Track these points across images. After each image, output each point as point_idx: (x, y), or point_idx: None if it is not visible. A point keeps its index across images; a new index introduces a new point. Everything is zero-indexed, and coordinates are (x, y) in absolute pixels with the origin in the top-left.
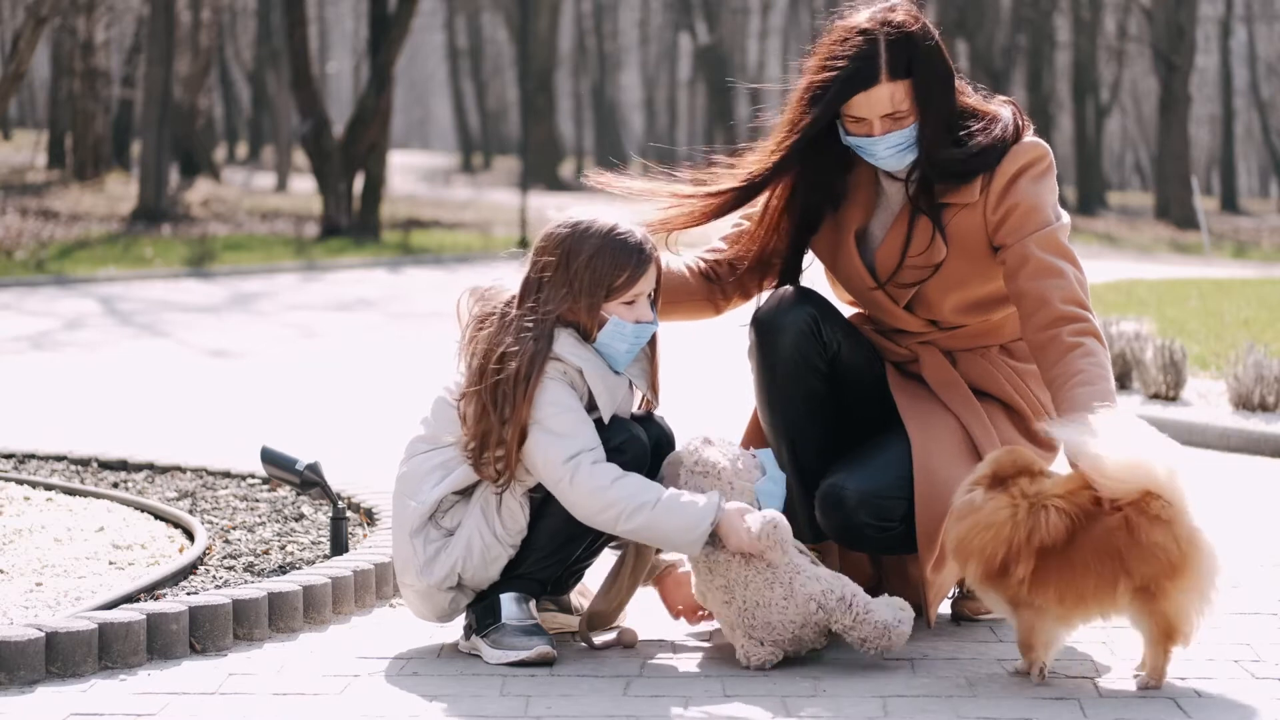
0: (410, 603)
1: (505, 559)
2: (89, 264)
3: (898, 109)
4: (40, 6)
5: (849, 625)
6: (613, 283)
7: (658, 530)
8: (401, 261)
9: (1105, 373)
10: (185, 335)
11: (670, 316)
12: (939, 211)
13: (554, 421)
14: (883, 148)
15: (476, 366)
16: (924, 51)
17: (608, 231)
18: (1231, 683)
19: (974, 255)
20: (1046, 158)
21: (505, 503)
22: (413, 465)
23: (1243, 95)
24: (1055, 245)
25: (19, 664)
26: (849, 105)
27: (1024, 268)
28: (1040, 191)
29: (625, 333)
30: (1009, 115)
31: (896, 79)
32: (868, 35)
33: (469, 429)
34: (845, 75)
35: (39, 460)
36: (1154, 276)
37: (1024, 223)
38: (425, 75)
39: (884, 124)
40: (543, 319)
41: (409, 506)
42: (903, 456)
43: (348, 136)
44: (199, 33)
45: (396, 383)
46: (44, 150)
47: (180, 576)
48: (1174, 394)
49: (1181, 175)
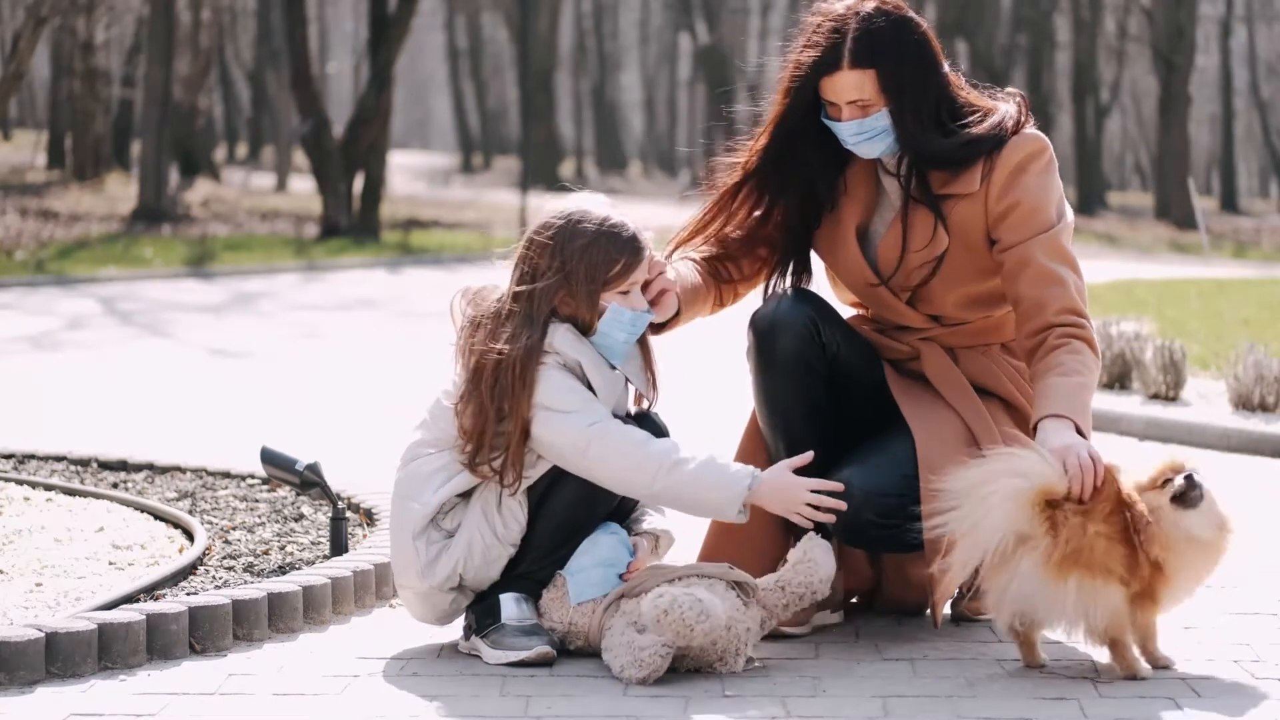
0: (410, 604)
1: (506, 558)
2: (89, 264)
3: (862, 97)
4: (40, 6)
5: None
6: (608, 273)
7: (693, 488)
8: (401, 262)
9: (1084, 368)
10: (185, 335)
11: (687, 318)
12: (938, 202)
13: (561, 402)
14: (847, 133)
15: (472, 367)
16: (894, 42)
17: (600, 222)
18: (1231, 683)
19: (975, 247)
20: (1047, 150)
21: (505, 502)
22: (414, 468)
23: (1242, 95)
24: (1058, 250)
25: (19, 664)
26: (822, 89)
27: (1024, 271)
28: (1045, 187)
29: (624, 320)
30: (1010, 108)
31: (859, 67)
32: (838, 22)
33: (465, 431)
34: (812, 60)
35: (39, 460)
36: (1154, 276)
37: (1027, 223)
38: (425, 75)
39: (850, 110)
40: (537, 315)
41: (411, 508)
42: (907, 455)
43: (347, 136)
44: (199, 33)
45: (396, 383)
46: (44, 150)
47: (180, 577)
48: (1174, 394)
49: (1181, 175)
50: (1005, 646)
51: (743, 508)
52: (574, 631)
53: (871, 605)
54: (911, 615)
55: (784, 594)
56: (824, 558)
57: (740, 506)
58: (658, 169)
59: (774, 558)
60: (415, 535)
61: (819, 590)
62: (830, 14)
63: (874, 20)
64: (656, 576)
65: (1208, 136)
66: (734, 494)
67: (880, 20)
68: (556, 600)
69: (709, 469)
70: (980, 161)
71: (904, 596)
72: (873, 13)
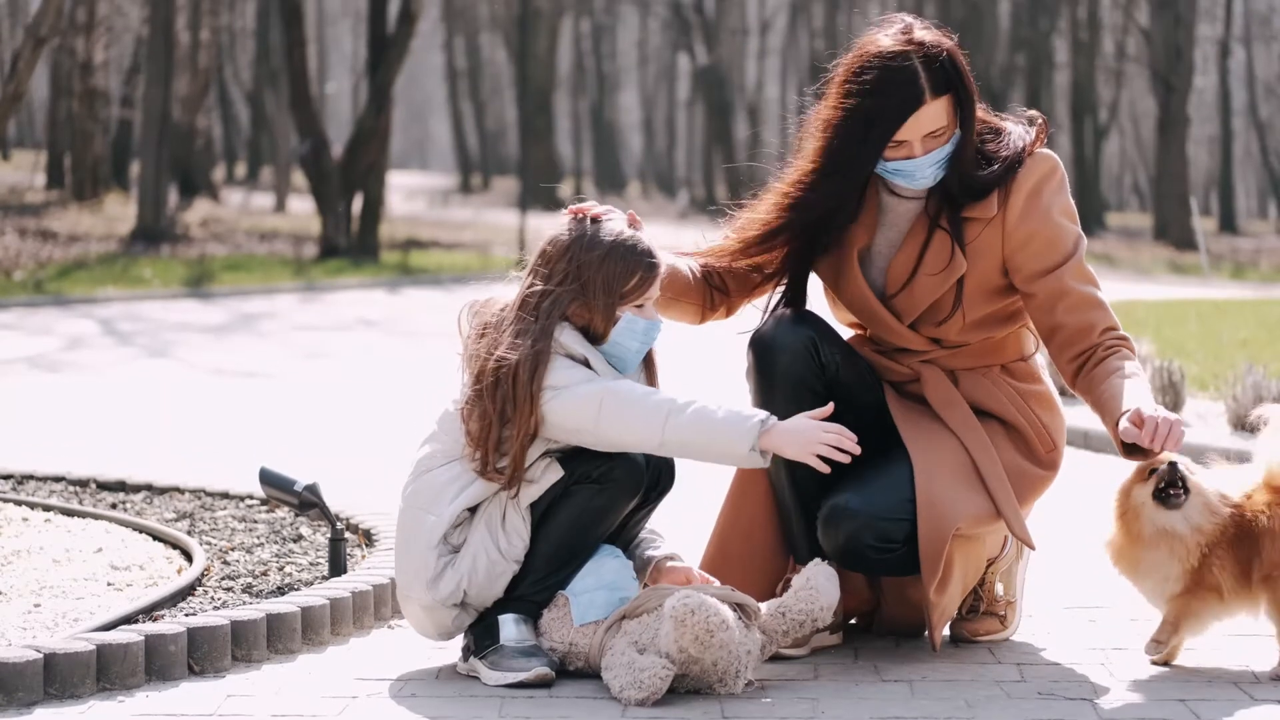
0: (414, 617)
1: (509, 574)
2: (88, 284)
3: (940, 125)
4: (39, 27)
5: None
6: (624, 286)
7: (704, 430)
8: (400, 282)
9: (1139, 373)
10: (184, 356)
11: (665, 313)
12: (960, 226)
13: (564, 379)
14: (926, 166)
15: (477, 371)
16: (953, 63)
17: (615, 236)
18: (1230, 704)
19: (987, 270)
20: (1059, 169)
21: (509, 517)
22: (427, 480)
23: (1241, 116)
24: (1085, 274)
25: (17, 685)
26: (901, 130)
27: (1062, 301)
28: (1062, 209)
29: (637, 330)
30: (1019, 129)
31: (939, 95)
32: (899, 58)
33: (473, 436)
34: (890, 104)
35: (37, 481)
36: (1152, 297)
37: (1051, 251)
38: (424, 96)
39: (926, 143)
40: (547, 322)
41: (426, 521)
42: (905, 478)
43: (346, 157)
44: (198, 53)
45: (396, 404)
46: (43, 170)
47: (178, 598)
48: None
49: (1180, 196)
50: (1004, 668)
51: (757, 449)
52: (574, 652)
53: (870, 627)
54: (910, 637)
55: (785, 620)
56: (827, 585)
57: (753, 444)
58: (656, 189)
59: (774, 579)
60: (430, 546)
61: (820, 618)
62: (883, 52)
63: (930, 46)
64: (658, 596)
65: (1206, 157)
66: (746, 430)
67: (934, 44)
68: (558, 620)
69: (718, 409)
70: (997, 187)
71: (903, 618)
72: (926, 40)
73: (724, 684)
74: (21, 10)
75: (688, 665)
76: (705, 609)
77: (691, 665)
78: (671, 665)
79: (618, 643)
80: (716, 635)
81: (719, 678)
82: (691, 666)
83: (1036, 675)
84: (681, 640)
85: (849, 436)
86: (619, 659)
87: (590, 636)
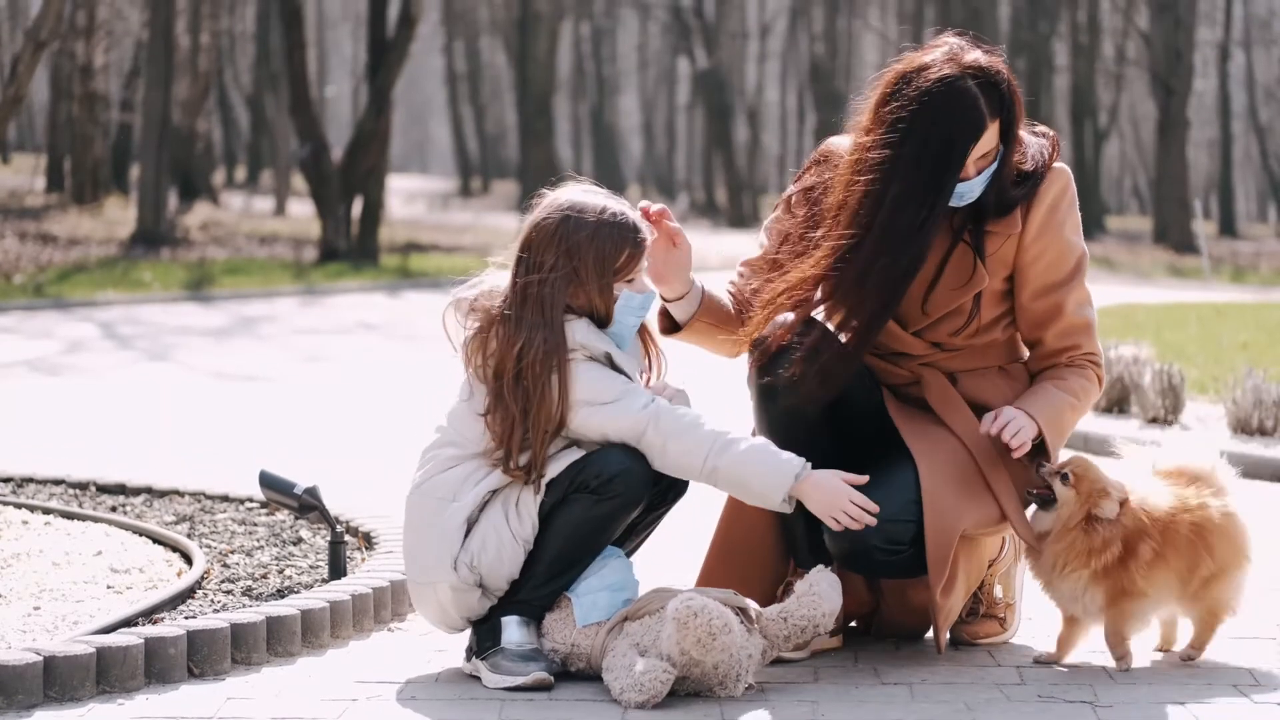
0: (436, 606)
1: (520, 556)
2: (88, 288)
3: (992, 147)
4: (39, 30)
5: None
6: (616, 263)
7: (744, 470)
8: (400, 285)
9: (1082, 392)
10: (184, 359)
11: (702, 341)
12: (982, 239)
13: (602, 393)
14: (978, 186)
15: (494, 371)
16: (1013, 87)
17: (600, 213)
18: (1230, 707)
19: (997, 281)
20: (1071, 184)
21: (522, 499)
22: (443, 478)
23: (1241, 119)
24: (1083, 294)
25: (17, 688)
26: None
27: (1054, 324)
28: (1073, 226)
29: (633, 305)
30: (1035, 141)
31: (995, 118)
32: (956, 82)
33: (497, 436)
34: (956, 132)
35: (37, 484)
36: (1152, 301)
37: (1057, 267)
38: (424, 99)
39: (978, 165)
40: (550, 313)
41: (449, 508)
42: (909, 480)
43: (346, 160)
44: (198, 56)
45: (395, 407)
46: (43, 174)
47: (178, 600)
48: (1172, 418)
49: (1180, 199)
50: (1004, 670)
51: (788, 498)
52: (576, 653)
53: (870, 630)
54: (910, 640)
55: (786, 625)
56: (829, 592)
57: (786, 495)
58: (656, 192)
59: (775, 582)
60: (457, 526)
61: (822, 624)
62: (939, 78)
63: (984, 70)
64: (661, 598)
65: (1206, 160)
66: (781, 480)
67: (983, 68)
68: (560, 621)
69: (761, 452)
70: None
71: (903, 621)
72: (978, 62)
73: (724, 687)
74: (21, 14)
75: (689, 668)
76: (707, 612)
77: (693, 668)
78: (672, 668)
79: (619, 644)
80: (718, 638)
81: (720, 681)
82: (693, 669)
83: (1036, 678)
84: (683, 642)
85: (871, 509)
86: (620, 660)
87: (592, 638)
